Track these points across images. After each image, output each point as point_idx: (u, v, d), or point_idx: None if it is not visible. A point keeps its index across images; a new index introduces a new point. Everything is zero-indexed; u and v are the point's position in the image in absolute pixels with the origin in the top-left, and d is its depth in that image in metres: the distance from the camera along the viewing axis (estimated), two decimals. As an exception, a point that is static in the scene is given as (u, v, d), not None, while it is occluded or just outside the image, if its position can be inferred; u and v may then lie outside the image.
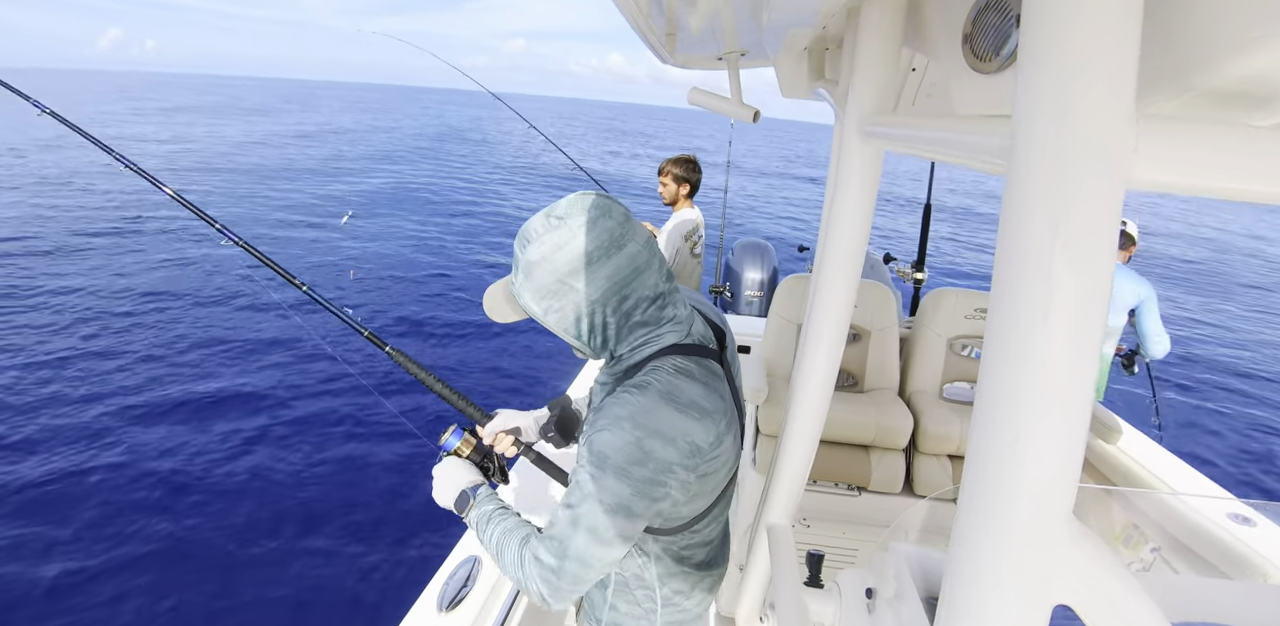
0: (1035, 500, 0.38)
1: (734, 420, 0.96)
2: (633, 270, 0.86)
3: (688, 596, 1.10)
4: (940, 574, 0.72)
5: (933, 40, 0.78)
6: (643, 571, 1.06)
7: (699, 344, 0.95)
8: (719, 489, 0.98)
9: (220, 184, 14.65)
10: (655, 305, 0.90)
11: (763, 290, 4.64)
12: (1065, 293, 0.36)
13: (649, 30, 1.28)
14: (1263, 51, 0.35)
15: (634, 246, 0.86)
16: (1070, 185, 0.35)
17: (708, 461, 0.89)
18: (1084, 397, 0.37)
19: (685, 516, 0.97)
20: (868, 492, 1.97)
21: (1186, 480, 1.87)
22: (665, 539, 1.02)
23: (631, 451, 0.83)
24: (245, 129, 29.80)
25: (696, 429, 0.86)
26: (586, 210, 0.85)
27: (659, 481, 0.85)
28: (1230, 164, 0.36)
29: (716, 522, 1.08)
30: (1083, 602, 0.38)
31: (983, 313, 2.20)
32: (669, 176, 2.83)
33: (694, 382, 0.89)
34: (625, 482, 0.84)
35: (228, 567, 3.45)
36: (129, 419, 4.88)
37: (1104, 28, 0.34)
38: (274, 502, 4.00)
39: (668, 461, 0.84)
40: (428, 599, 1.61)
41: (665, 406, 0.85)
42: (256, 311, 7.20)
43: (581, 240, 0.83)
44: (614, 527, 0.86)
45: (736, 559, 2.01)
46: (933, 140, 0.62)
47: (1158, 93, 0.43)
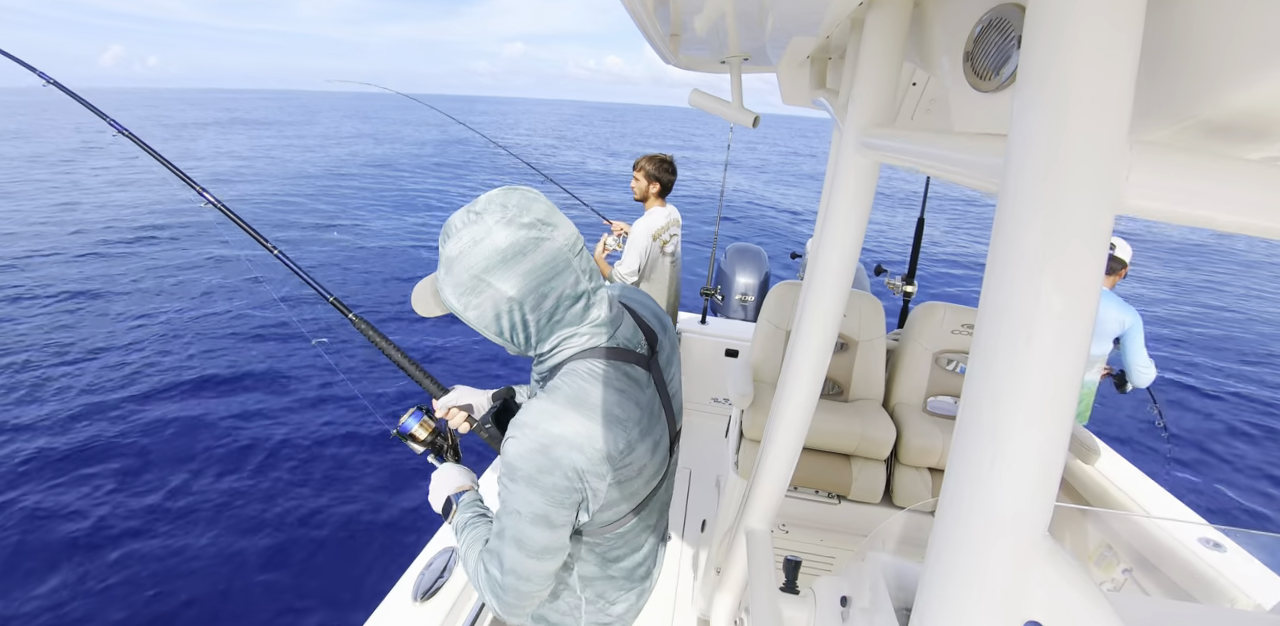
0: (1012, 516, 0.39)
1: (652, 427, 0.95)
2: (551, 268, 0.83)
3: (613, 602, 1.11)
4: (915, 585, 0.73)
5: (935, 56, 0.79)
6: (563, 572, 1.05)
7: (623, 348, 0.93)
8: (639, 495, 0.97)
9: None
10: (578, 304, 0.88)
11: (754, 294, 4.66)
12: (1051, 313, 0.36)
13: (653, 29, 1.28)
14: (1259, 85, 0.36)
15: (553, 244, 0.83)
16: (1061, 208, 0.36)
17: (620, 469, 0.88)
18: (1065, 417, 0.37)
19: (607, 519, 0.96)
20: (848, 501, 1.98)
21: (1161, 503, 1.89)
22: (589, 540, 1.01)
23: (538, 459, 0.82)
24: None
25: (604, 434, 0.84)
26: (505, 206, 0.82)
27: (572, 487, 0.84)
28: (1221, 195, 0.36)
29: (647, 529, 1.07)
30: (1053, 620, 0.38)
31: (970, 328, 2.22)
32: (641, 172, 2.83)
33: (606, 388, 0.88)
34: (536, 491, 0.83)
35: (194, 554, 3.42)
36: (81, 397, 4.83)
37: (1103, 54, 0.34)
38: (247, 488, 3.97)
39: (577, 468, 0.83)
40: (402, 588, 1.60)
41: (571, 412, 0.84)
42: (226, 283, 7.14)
43: (498, 236, 0.80)
44: (538, 539, 0.86)
45: (714, 561, 2.02)
46: (929, 155, 0.62)
47: (1153, 121, 0.44)
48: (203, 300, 7.01)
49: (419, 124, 36.93)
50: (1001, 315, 0.38)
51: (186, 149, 23.42)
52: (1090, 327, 0.37)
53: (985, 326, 0.40)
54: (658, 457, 0.98)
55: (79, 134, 24.95)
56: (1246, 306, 9.98)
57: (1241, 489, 4.89)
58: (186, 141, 25.58)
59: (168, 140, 26.20)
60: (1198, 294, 10.45)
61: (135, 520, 3.64)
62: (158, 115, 39.14)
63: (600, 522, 0.96)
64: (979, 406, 0.40)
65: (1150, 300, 10.04)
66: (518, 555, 0.87)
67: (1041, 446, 0.38)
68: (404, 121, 38.27)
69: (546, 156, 26.31)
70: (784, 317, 2.29)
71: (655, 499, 1.05)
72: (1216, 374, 7.09)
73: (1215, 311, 9.60)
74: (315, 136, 28.79)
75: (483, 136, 4.33)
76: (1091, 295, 0.36)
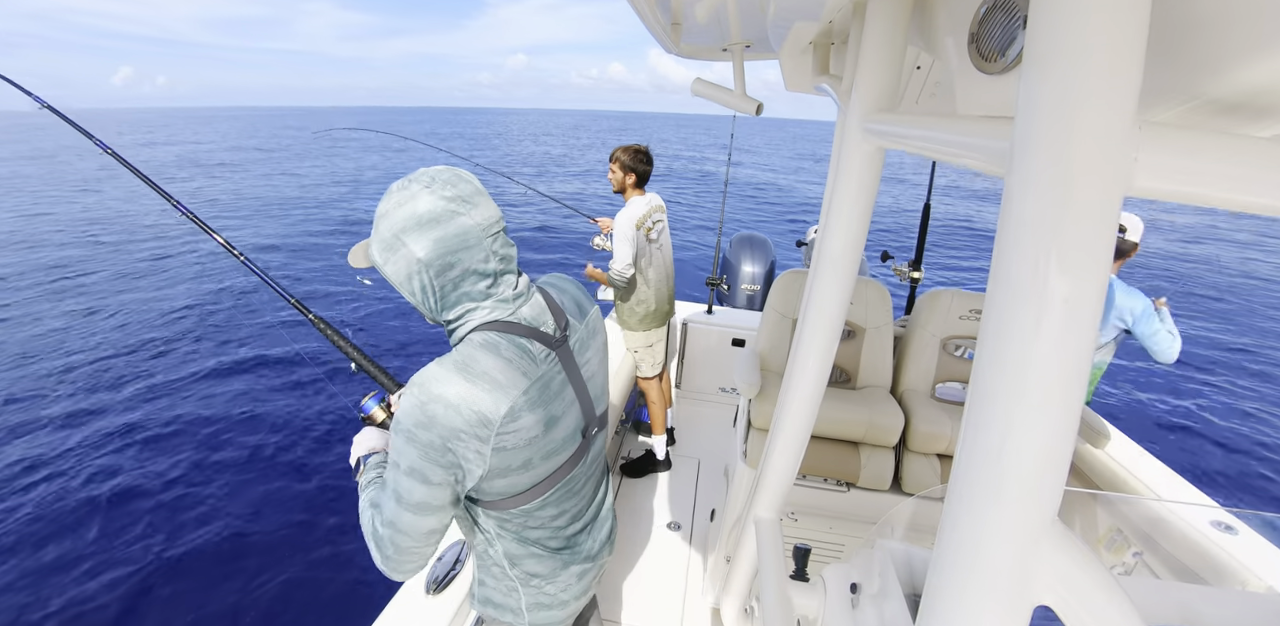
0: (1021, 501, 0.39)
1: (548, 402, 0.98)
2: (460, 242, 0.90)
3: (548, 581, 1.14)
4: (924, 571, 0.73)
5: (939, 39, 0.78)
6: (489, 547, 1.11)
7: (524, 324, 0.99)
8: (537, 470, 1.00)
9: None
10: (484, 282, 0.95)
11: (759, 283, 4.64)
12: (1058, 297, 0.36)
13: (655, 19, 1.27)
14: (1267, 62, 0.35)
15: (468, 220, 0.90)
16: (1069, 190, 0.35)
17: (502, 435, 0.91)
18: (1074, 402, 0.37)
19: (503, 491, 1.00)
20: (856, 489, 1.98)
21: (1172, 486, 1.89)
22: (495, 514, 1.05)
23: (417, 415, 0.87)
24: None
25: (485, 399, 0.89)
26: (434, 179, 0.91)
27: (445, 447, 0.88)
28: (1230, 174, 0.36)
29: (559, 509, 1.11)
30: (1063, 604, 0.38)
31: (977, 314, 2.21)
32: (617, 164, 2.80)
33: (495, 356, 0.93)
34: (413, 446, 0.88)
35: (198, 550, 3.47)
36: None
37: (1110, 33, 0.34)
38: (243, 482, 4.01)
39: (453, 427, 0.88)
40: (415, 581, 1.62)
41: (455, 375, 0.89)
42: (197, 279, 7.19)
43: (420, 203, 0.89)
44: (414, 493, 0.91)
45: (724, 550, 2.03)
46: (934, 139, 0.62)
47: (1160, 101, 0.43)
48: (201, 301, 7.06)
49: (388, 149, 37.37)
50: (1009, 300, 0.38)
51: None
52: (1099, 311, 0.36)
53: (993, 311, 0.40)
54: (559, 435, 1.01)
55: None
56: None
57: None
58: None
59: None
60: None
61: (141, 514, 3.69)
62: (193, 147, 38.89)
63: (498, 493, 1.00)
64: (987, 392, 0.40)
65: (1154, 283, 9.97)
66: (396, 507, 0.93)
67: (1050, 431, 0.38)
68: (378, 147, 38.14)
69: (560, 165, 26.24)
70: (790, 306, 2.28)
71: (569, 479, 1.09)
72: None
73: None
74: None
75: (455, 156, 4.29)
76: (1100, 278, 0.36)
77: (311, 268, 8.90)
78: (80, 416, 4.71)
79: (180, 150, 21.29)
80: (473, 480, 0.94)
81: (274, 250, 9.71)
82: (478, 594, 1.19)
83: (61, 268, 7.74)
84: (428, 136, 47.10)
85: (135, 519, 3.66)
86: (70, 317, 6.48)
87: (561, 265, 10.07)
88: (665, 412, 3.10)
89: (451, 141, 37.51)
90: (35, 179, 11.48)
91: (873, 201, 0.97)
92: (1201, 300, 9.42)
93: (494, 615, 1.18)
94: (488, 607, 1.18)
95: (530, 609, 1.15)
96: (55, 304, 6.84)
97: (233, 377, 5.40)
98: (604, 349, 1.20)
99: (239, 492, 3.95)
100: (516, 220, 13.21)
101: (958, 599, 0.43)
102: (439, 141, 35.29)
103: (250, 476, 4.10)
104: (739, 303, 4.61)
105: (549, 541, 1.13)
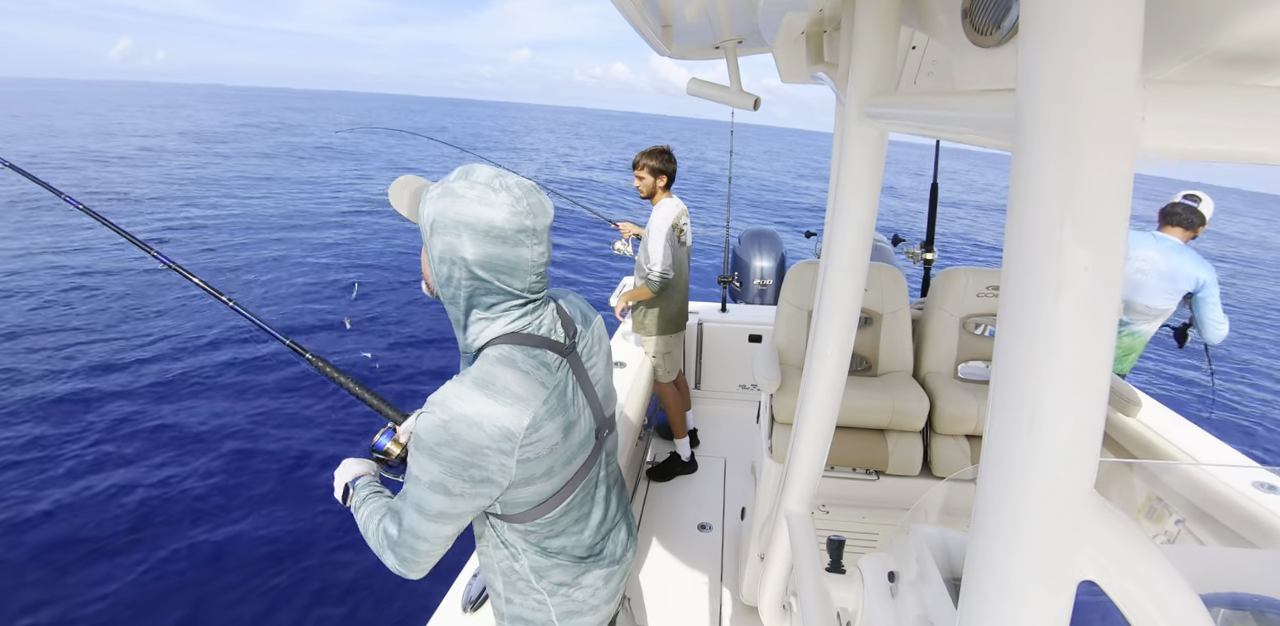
0: (1056, 476, 0.38)
1: (564, 409, 1.00)
2: (510, 268, 0.94)
3: (574, 587, 1.15)
4: (962, 554, 0.72)
5: (932, 16, 0.77)
6: (513, 563, 1.12)
7: (537, 335, 1.01)
8: (559, 476, 1.01)
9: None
10: (508, 301, 0.98)
11: (771, 278, 4.62)
12: (1077, 266, 0.35)
13: (645, 23, 1.27)
14: (1266, 11, 0.35)
15: (527, 253, 0.94)
16: (1078, 157, 0.35)
17: (526, 446, 0.93)
18: (1101, 371, 0.37)
19: (528, 501, 1.01)
20: (886, 476, 1.96)
21: (1209, 450, 1.85)
22: (518, 527, 1.07)
23: (439, 434, 0.89)
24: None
25: (507, 414, 0.91)
26: (522, 199, 0.92)
27: (471, 463, 0.90)
28: (1242, 126, 0.35)
29: (579, 517, 1.12)
30: (1108, 577, 0.37)
31: (995, 290, 2.18)
32: (645, 169, 2.78)
33: (513, 370, 0.95)
34: (436, 462, 0.90)
35: (240, 571, 3.51)
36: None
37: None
38: (290, 502, 4.05)
39: (476, 444, 0.90)
40: (452, 600, 1.63)
41: (475, 392, 0.91)
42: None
43: (498, 213, 0.90)
44: (435, 504, 0.93)
45: (757, 548, 2.02)
46: (936, 118, 0.61)
47: (1163, 58, 0.42)
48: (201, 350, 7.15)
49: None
50: (1026, 273, 0.38)
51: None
52: (1120, 278, 0.36)
53: (1010, 285, 0.39)
54: (575, 439, 1.03)
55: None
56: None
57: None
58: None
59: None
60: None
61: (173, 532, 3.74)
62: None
63: (524, 504, 1.01)
64: (1011, 368, 0.39)
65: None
66: (416, 516, 0.95)
67: (1080, 402, 0.37)
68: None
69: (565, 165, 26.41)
70: (804, 298, 2.27)
71: (585, 483, 1.10)
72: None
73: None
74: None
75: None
76: (1118, 244, 0.35)
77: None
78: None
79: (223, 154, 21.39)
80: (499, 491, 0.96)
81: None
82: (507, 613, 1.18)
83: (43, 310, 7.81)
84: (432, 129, 47.22)
85: (163, 529, 3.72)
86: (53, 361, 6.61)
87: (574, 271, 10.10)
88: (684, 416, 3.09)
89: (467, 139, 37.60)
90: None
91: (879, 186, 0.96)
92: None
93: None
94: (519, 624, 1.18)
95: (561, 618, 1.16)
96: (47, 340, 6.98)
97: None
98: (609, 354, 1.23)
99: (268, 503, 3.99)
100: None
101: (999, 579, 0.42)
102: (455, 138, 35.40)
103: (285, 491, 4.15)
104: (752, 298, 4.59)
105: (573, 549, 1.14)
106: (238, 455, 4.66)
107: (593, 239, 11.62)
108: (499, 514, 1.05)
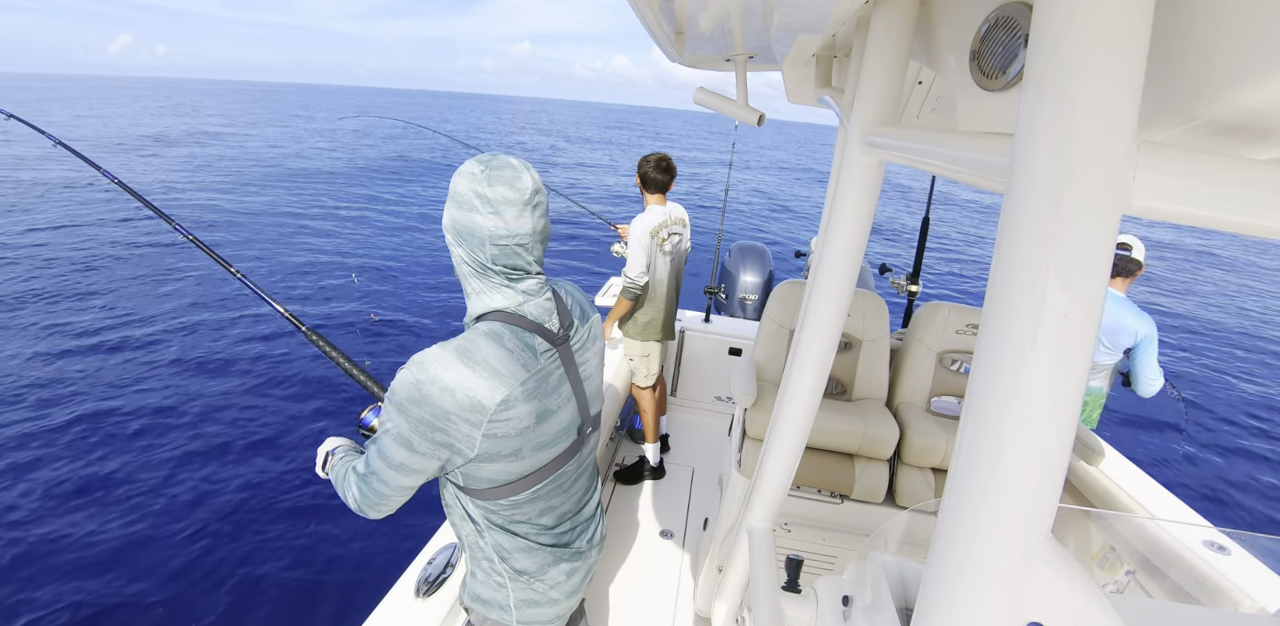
0: (1015, 517, 0.39)
1: (545, 395, 1.03)
2: (468, 232, 0.98)
3: (536, 578, 1.16)
4: (917, 585, 0.73)
5: (941, 54, 0.78)
6: (479, 538, 1.14)
7: (530, 319, 1.04)
8: (528, 461, 1.04)
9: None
10: (511, 271, 1.01)
11: (757, 293, 4.65)
12: (1056, 313, 0.36)
13: (659, 27, 1.27)
14: (1265, 84, 0.36)
15: (480, 220, 0.98)
16: (1067, 208, 0.36)
17: (495, 422, 0.95)
18: (1069, 417, 0.37)
19: (491, 478, 1.03)
20: (850, 501, 1.98)
21: (1166, 505, 1.89)
22: (482, 504, 1.09)
23: (411, 391, 0.93)
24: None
25: (480, 385, 0.93)
26: (539, 191, 1.00)
27: (435, 426, 0.94)
28: (1227, 195, 0.36)
29: (548, 504, 1.14)
30: (1055, 621, 0.38)
31: (974, 328, 2.21)
32: (638, 175, 2.87)
33: (498, 346, 0.97)
34: (403, 417, 0.94)
35: (191, 550, 3.44)
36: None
37: (1111, 53, 0.34)
38: (238, 482, 3.98)
39: (444, 409, 0.92)
40: (405, 584, 1.61)
41: (454, 359, 0.94)
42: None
43: (459, 182, 0.98)
44: (397, 455, 0.97)
45: (716, 560, 2.02)
46: (934, 154, 0.62)
47: (1160, 121, 0.43)
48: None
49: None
50: (1006, 315, 0.38)
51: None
52: (1095, 328, 0.36)
53: (990, 326, 0.40)
54: (551, 429, 1.05)
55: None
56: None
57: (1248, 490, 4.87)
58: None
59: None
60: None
61: (125, 520, 3.66)
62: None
63: (488, 480, 1.03)
64: (983, 407, 0.40)
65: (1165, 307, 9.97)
66: (379, 462, 1.00)
67: (1045, 447, 0.38)
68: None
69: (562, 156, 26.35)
70: (788, 316, 2.28)
71: (559, 475, 1.12)
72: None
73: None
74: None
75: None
76: (1097, 296, 0.36)
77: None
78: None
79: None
80: (461, 459, 0.98)
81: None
82: (468, 587, 1.20)
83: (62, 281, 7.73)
84: (435, 121, 47.31)
85: (105, 509, 3.63)
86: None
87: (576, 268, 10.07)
88: (658, 421, 3.09)
89: (478, 134, 37.64)
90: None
91: (872, 214, 0.98)
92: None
93: (482, 611, 1.19)
94: (476, 603, 1.19)
95: (519, 605, 1.16)
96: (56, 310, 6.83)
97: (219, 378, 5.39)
98: (601, 353, 1.24)
99: (216, 489, 3.92)
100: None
101: (950, 614, 0.42)
102: (467, 135, 35.46)
103: (229, 471, 4.07)
104: (735, 311, 4.61)
105: (537, 536, 1.15)
106: (201, 430, 4.59)
107: (594, 244, 11.61)
108: (461, 486, 1.06)
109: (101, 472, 4.02)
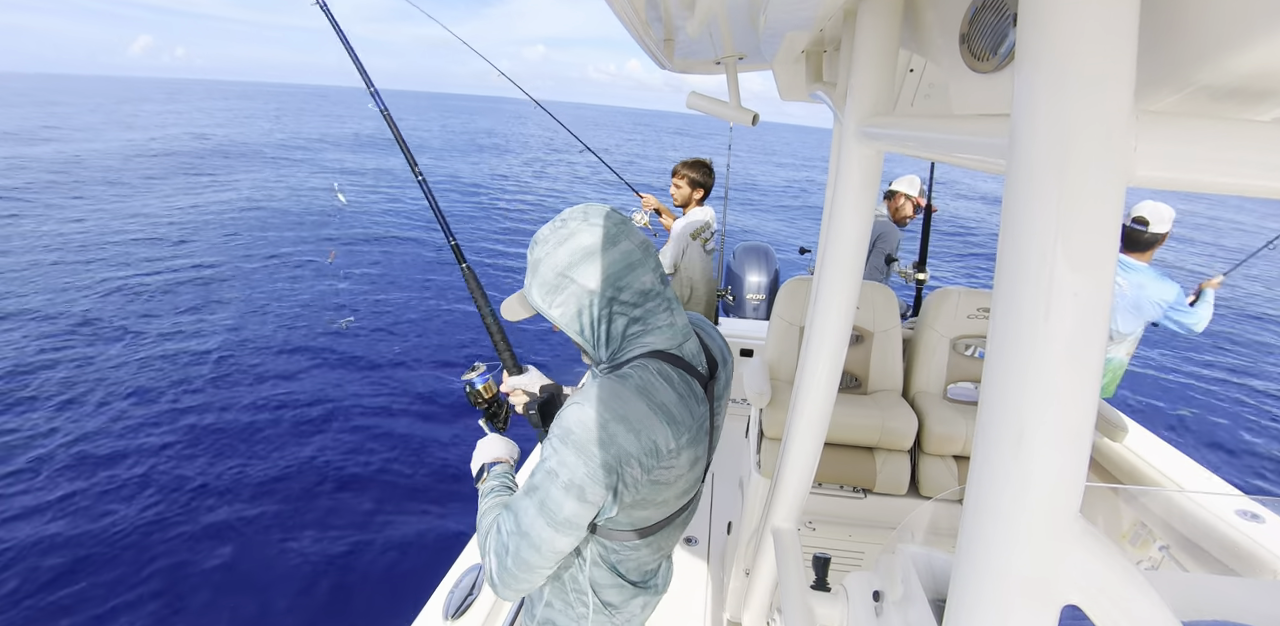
0: (1042, 499, 0.38)
1: (696, 443, 0.96)
2: (626, 265, 0.91)
3: (619, 611, 1.12)
4: (947, 575, 0.72)
5: (930, 41, 0.78)
6: (576, 571, 1.07)
7: (688, 361, 0.96)
8: (669, 507, 0.98)
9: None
10: (650, 301, 0.93)
11: (765, 293, 4.64)
12: (1067, 290, 0.36)
13: (647, 36, 1.28)
14: (1261, 45, 0.35)
15: (628, 244, 0.92)
16: (1070, 184, 0.35)
17: (663, 468, 0.89)
18: (1089, 395, 0.37)
19: (632, 523, 0.97)
20: (873, 495, 1.96)
21: (1194, 477, 1.86)
22: (604, 543, 1.01)
23: (597, 431, 0.84)
24: (247, 138, 29.95)
25: (662, 429, 0.87)
26: (587, 214, 0.93)
27: (613, 468, 0.85)
28: (1232, 159, 0.36)
29: (657, 550, 1.09)
30: (1091, 602, 0.37)
31: (985, 312, 2.20)
32: (684, 179, 2.95)
33: (671, 389, 0.91)
34: (582, 460, 0.84)
35: (233, 561, 3.45)
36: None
37: (1101, 25, 0.34)
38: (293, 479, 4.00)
39: (626, 451, 0.85)
40: (434, 606, 1.61)
41: (639, 399, 0.86)
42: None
43: (582, 236, 0.90)
44: (565, 507, 0.86)
45: (742, 563, 2.00)
46: (932, 141, 0.62)
47: (1157, 89, 0.43)
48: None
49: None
50: (1017, 296, 0.38)
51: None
52: (1108, 304, 0.36)
53: (1001, 308, 0.39)
54: (694, 474, 0.99)
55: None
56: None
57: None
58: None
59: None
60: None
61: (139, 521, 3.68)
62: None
63: (627, 523, 0.97)
64: (1000, 390, 0.39)
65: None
66: (538, 518, 0.87)
67: (1067, 426, 0.37)
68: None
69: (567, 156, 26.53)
70: (797, 314, 2.28)
71: (680, 515, 1.07)
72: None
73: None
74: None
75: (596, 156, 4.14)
76: (1107, 271, 0.36)
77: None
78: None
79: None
80: (617, 507, 0.91)
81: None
82: (540, 615, 1.14)
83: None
84: (444, 120, 47.40)
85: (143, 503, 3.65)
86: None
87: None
88: None
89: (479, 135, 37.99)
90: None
91: (874, 205, 0.97)
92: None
93: None
94: None
95: None
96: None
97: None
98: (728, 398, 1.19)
99: (260, 495, 3.93)
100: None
101: (983, 602, 0.42)
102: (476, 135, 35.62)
103: (277, 487, 4.09)
104: (745, 313, 4.60)
105: (637, 572, 1.10)
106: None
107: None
108: (596, 524, 0.98)
109: (125, 471, 4.05)
